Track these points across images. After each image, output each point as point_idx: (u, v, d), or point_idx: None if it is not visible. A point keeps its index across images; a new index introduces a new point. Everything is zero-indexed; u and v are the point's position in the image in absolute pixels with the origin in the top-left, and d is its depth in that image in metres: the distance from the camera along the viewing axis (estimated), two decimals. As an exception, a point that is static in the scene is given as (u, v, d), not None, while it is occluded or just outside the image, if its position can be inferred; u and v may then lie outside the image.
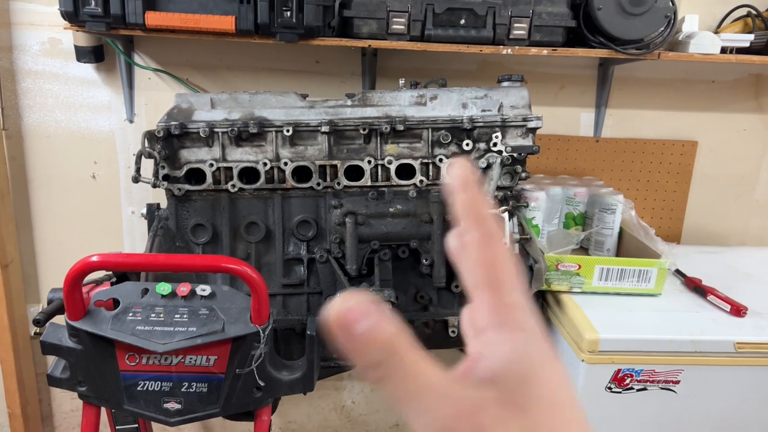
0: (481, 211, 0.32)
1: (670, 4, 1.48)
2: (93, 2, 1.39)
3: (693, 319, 1.37)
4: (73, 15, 1.41)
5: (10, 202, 1.83)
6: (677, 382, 1.32)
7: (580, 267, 1.43)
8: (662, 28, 1.51)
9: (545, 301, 1.50)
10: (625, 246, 1.62)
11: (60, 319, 1.16)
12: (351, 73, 1.84)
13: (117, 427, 1.50)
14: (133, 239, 1.95)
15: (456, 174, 0.33)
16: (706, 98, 1.92)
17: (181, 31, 1.44)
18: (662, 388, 1.32)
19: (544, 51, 1.54)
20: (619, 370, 1.30)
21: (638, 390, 1.32)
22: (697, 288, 1.50)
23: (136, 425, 1.51)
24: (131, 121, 1.85)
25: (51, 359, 1.21)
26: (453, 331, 1.42)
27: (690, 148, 1.93)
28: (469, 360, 0.31)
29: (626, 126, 1.93)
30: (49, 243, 1.94)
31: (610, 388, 1.31)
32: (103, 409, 1.27)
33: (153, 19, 1.40)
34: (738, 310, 1.37)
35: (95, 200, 1.90)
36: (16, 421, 1.93)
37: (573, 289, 1.45)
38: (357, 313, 0.27)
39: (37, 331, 1.18)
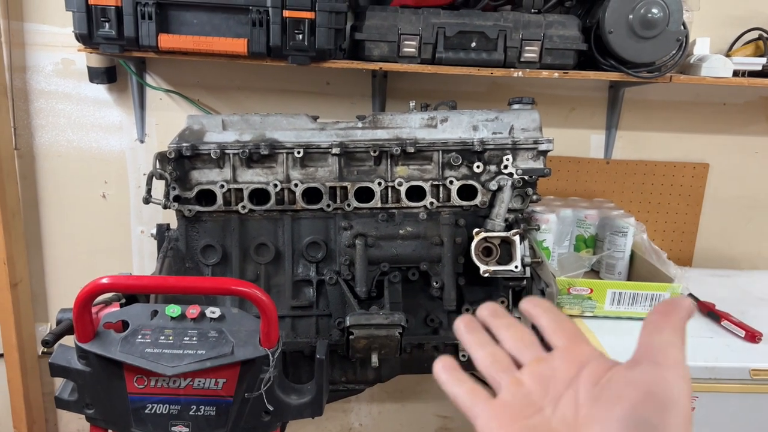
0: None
1: (682, 27, 1.48)
2: (107, 25, 1.41)
3: (707, 345, 1.35)
4: (87, 37, 1.42)
5: (21, 220, 1.84)
6: (692, 409, 1.29)
7: (592, 291, 1.42)
8: (674, 52, 1.51)
9: (556, 325, 1.49)
10: (637, 269, 1.60)
11: (68, 340, 1.15)
12: (361, 95, 1.85)
13: (123, 450, 1.48)
14: (142, 258, 1.95)
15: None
16: (717, 120, 1.92)
17: (193, 53, 1.45)
18: (676, 416, 1.30)
19: (555, 74, 1.54)
20: (633, 397, 1.28)
21: (652, 417, 1.29)
22: (710, 313, 1.48)
23: (143, 448, 1.50)
24: (142, 141, 1.86)
25: (59, 379, 1.21)
26: (463, 356, 1.40)
27: (701, 170, 1.92)
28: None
29: (637, 148, 1.93)
30: (58, 262, 1.95)
31: (623, 415, 1.29)
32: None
33: (166, 41, 1.42)
34: (753, 336, 1.35)
35: (105, 220, 1.91)
36: (22, 441, 1.92)
37: (585, 314, 1.44)
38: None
39: (45, 350, 1.17)
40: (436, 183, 1.37)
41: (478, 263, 1.30)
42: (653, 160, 1.92)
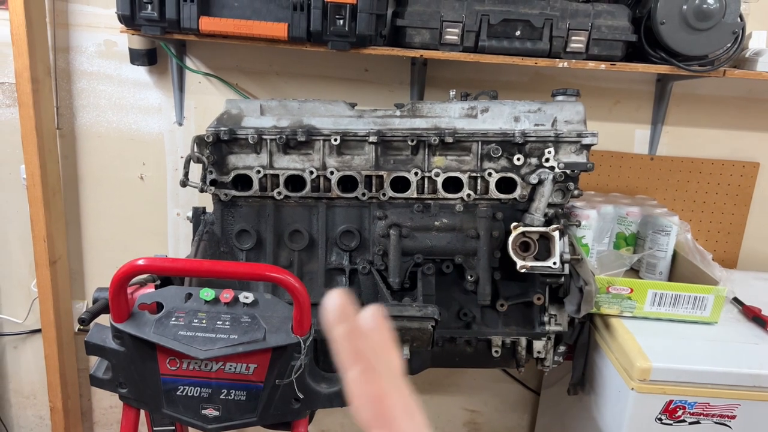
0: (357, 344, 0.33)
1: (739, 19, 1.41)
2: (149, 6, 1.41)
3: (752, 351, 1.30)
4: (129, 19, 1.43)
5: (61, 199, 1.87)
6: (733, 417, 1.25)
7: (632, 290, 1.37)
8: (729, 45, 1.45)
9: (594, 324, 1.45)
10: (679, 270, 1.55)
11: (104, 319, 1.16)
12: (400, 83, 1.82)
13: (154, 428, 1.50)
14: (177, 240, 1.97)
15: (332, 306, 0.34)
16: (769, 118, 1.84)
17: (233, 36, 1.44)
18: (717, 423, 1.26)
19: (602, 65, 1.49)
20: (671, 401, 1.24)
21: (691, 423, 1.26)
22: (756, 318, 1.42)
23: (173, 427, 1.52)
24: (180, 124, 1.87)
25: (94, 357, 1.22)
26: (496, 351, 1.38)
27: (751, 169, 1.85)
28: None
29: (683, 144, 1.86)
30: (96, 241, 1.98)
31: (660, 420, 1.25)
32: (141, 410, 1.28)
33: (207, 24, 1.41)
34: (802, 344, 1.29)
35: (142, 201, 1.93)
36: (56, 415, 1.96)
37: (624, 314, 1.40)
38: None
39: (81, 328, 1.19)
40: (474, 174, 1.34)
41: (515, 258, 1.27)
42: (700, 158, 1.85)
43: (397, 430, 0.31)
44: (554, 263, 1.27)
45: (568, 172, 1.31)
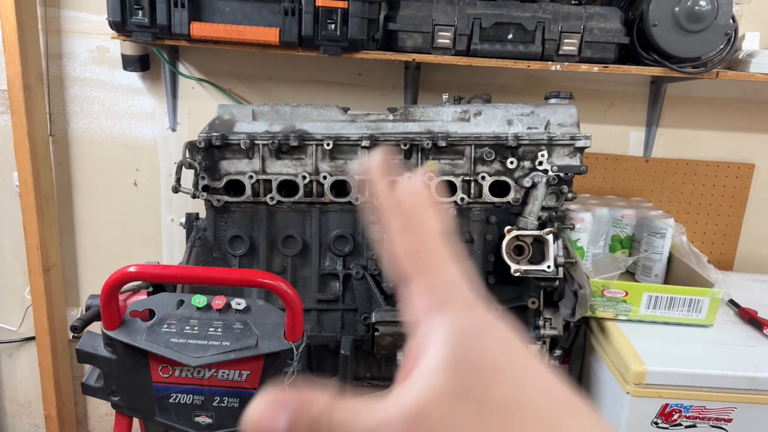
0: (399, 198, 0.30)
1: (731, 21, 1.41)
2: (140, 13, 1.41)
3: (748, 353, 1.29)
4: (120, 25, 1.43)
5: (54, 206, 1.87)
6: (729, 421, 1.24)
7: (627, 294, 1.37)
8: (721, 46, 1.45)
9: (589, 327, 1.44)
10: (675, 272, 1.55)
11: (97, 326, 1.15)
12: (393, 87, 1.82)
13: (148, 436, 1.49)
14: (171, 246, 1.96)
15: (373, 162, 0.31)
16: (764, 119, 1.83)
17: (225, 42, 1.44)
18: (713, 426, 1.25)
19: (595, 68, 1.48)
20: (667, 405, 1.23)
21: (687, 427, 1.25)
22: (752, 320, 1.42)
23: (167, 436, 1.51)
24: (174, 130, 1.86)
25: (87, 365, 1.21)
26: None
27: (746, 171, 1.84)
28: (407, 361, 0.27)
29: (678, 146, 1.86)
30: (90, 247, 1.97)
31: (656, 423, 1.25)
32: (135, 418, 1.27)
33: (198, 30, 1.41)
34: (798, 346, 1.29)
35: (136, 207, 1.92)
36: (51, 423, 1.95)
37: (619, 317, 1.39)
38: (273, 412, 0.25)
39: (75, 335, 1.18)
40: (467, 178, 1.33)
41: (509, 262, 1.27)
42: (695, 159, 1.85)
43: (439, 275, 0.28)
44: (548, 267, 1.26)
45: (561, 175, 1.31)
